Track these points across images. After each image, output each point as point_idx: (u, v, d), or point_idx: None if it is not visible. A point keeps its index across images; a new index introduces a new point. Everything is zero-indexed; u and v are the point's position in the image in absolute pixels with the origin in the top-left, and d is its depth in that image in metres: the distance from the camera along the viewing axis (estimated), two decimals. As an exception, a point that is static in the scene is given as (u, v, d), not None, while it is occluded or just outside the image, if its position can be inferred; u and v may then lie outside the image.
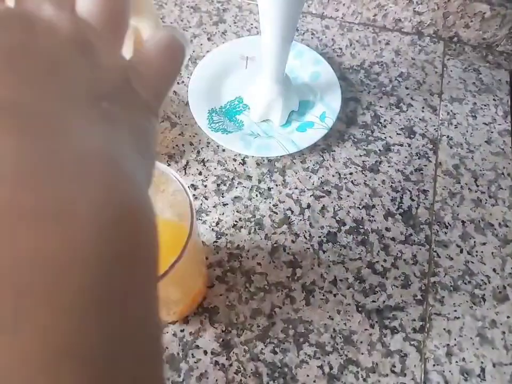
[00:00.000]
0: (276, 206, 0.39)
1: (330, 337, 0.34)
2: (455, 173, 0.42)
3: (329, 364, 0.33)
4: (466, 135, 0.44)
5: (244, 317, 0.34)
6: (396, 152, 0.43)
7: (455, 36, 0.50)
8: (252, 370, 0.32)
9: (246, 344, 0.33)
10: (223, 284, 0.35)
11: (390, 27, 0.51)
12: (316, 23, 0.51)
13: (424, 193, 0.41)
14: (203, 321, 0.34)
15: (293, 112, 0.43)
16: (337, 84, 0.44)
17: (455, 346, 0.34)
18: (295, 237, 0.38)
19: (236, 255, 0.36)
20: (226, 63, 0.46)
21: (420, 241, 0.38)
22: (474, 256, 0.38)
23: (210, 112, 0.43)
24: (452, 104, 0.46)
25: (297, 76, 0.46)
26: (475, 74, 0.48)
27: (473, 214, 0.40)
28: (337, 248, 0.37)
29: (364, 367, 0.33)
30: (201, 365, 0.32)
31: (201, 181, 0.40)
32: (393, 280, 0.36)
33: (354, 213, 0.39)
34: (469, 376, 0.33)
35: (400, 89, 0.47)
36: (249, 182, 0.40)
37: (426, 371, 0.33)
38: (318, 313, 0.34)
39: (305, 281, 0.36)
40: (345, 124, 0.44)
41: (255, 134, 0.42)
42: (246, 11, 0.52)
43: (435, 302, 0.35)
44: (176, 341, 0.33)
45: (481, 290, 0.36)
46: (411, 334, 0.34)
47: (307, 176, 0.41)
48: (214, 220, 0.38)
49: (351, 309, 0.35)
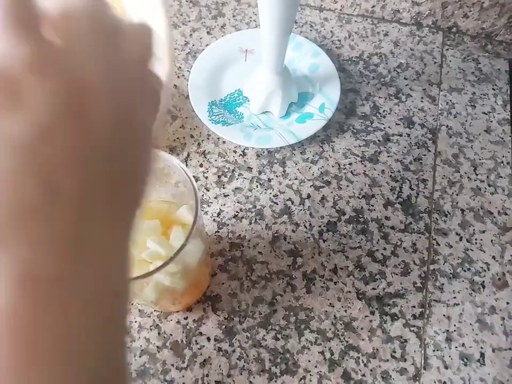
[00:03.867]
0: (276, 197, 0.40)
1: (331, 324, 0.34)
2: (455, 162, 0.42)
3: (330, 349, 0.33)
4: (466, 125, 0.45)
5: (246, 304, 0.34)
6: (395, 142, 0.43)
7: (454, 26, 0.50)
8: (254, 356, 0.33)
9: (248, 331, 0.33)
10: (225, 272, 0.36)
11: (388, 18, 0.51)
12: (315, 15, 0.51)
13: (423, 182, 0.41)
14: (206, 309, 0.34)
15: (292, 103, 0.44)
16: (336, 75, 0.44)
17: (455, 332, 0.34)
18: (296, 227, 0.38)
19: (238, 244, 0.37)
20: (225, 56, 0.46)
21: (420, 230, 0.38)
22: (473, 244, 0.38)
23: (211, 105, 0.43)
24: (451, 94, 0.46)
25: (296, 68, 0.46)
26: (474, 64, 0.49)
27: (472, 203, 0.40)
28: (337, 237, 0.38)
29: (364, 353, 0.33)
30: (205, 351, 0.33)
31: (202, 172, 0.41)
32: (393, 268, 0.37)
33: (354, 202, 0.40)
34: (468, 361, 0.33)
35: (399, 79, 0.47)
36: (249, 173, 0.41)
37: (426, 356, 0.33)
38: (318, 301, 0.35)
39: (306, 269, 0.36)
40: (345, 114, 0.44)
41: (255, 126, 0.43)
42: (244, 4, 0.52)
43: (435, 289, 0.36)
44: (180, 328, 0.33)
45: (481, 278, 0.37)
46: (411, 320, 0.35)
47: (307, 166, 0.41)
48: (216, 210, 0.39)
49: (351, 296, 0.35)
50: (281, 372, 0.32)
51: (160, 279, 0.26)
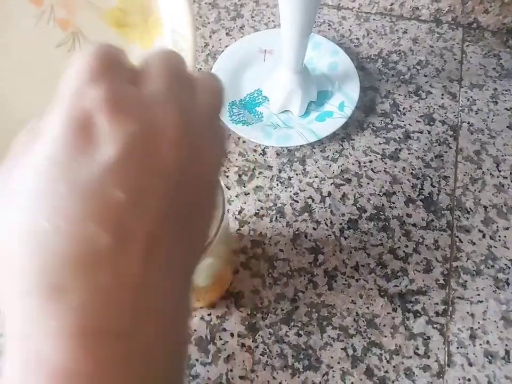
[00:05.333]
0: (297, 195, 0.40)
1: (353, 321, 0.34)
2: (476, 158, 0.42)
3: (353, 346, 0.33)
4: (487, 121, 0.44)
5: (268, 301, 0.35)
6: (415, 140, 0.43)
7: (474, 22, 0.50)
8: (277, 352, 0.33)
9: (271, 327, 0.34)
10: (247, 270, 0.36)
11: (407, 16, 0.51)
12: (333, 14, 0.52)
13: (445, 179, 0.41)
14: (229, 305, 0.35)
15: (312, 102, 0.44)
16: (355, 74, 0.44)
17: (479, 329, 0.34)
18: (316, 224, 0.38)
19: (259, 242, 0.37)
20: (245, 57, 0.47)
21: (442, 227, 0.38)
22: (497, 241, 0.38)
23: (231, 105, 0.44)
24: (472, 91, 0.46)
25: (315, 66, 0.46)
26: (495, 59, 0.48)
27: (495, 199, 0.40)
28: (358, 234, 0.38)
29: (387, 350, 0.33)
30: (229, 347, 0.33)
31: (223, 172, 0.41)
32: (415, 265, 0.37)
33: (374, 200, 0.40)
34: (493, 358, 0.33)
35: (419, 77, 0.47)
36: (269, 172, 0.41)
37: (450, 353, 0.33)
38: (340, 298, 0.35)
39: (327, 266, 0.36)
40: (364, 112, 0.45)
41: (274, 125, 0.43)
42: (263, 5, 0.52)
43: (458, 286, 0.36)
44: (204, 324, 0.34)
45: (505, 275, 0.36)
46: (434, 317, 0.34)
47: (327, 164, 0.42)
48: (237, 209, 0.39)
49: (373, 293, 0.35)
50: (304, 368, 0.33)
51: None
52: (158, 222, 0.11)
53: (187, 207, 0.13)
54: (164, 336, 0.12)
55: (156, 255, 0.11)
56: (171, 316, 0.12)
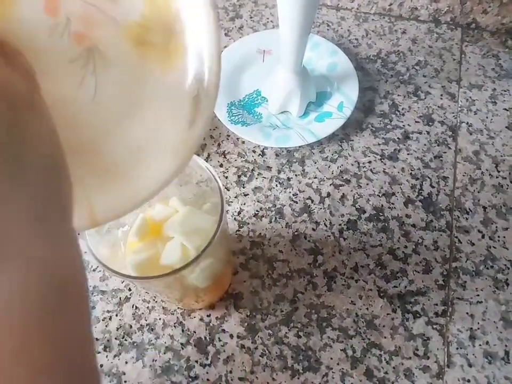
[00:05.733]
0: (296, 195, 0.40)
1: (352, 322, 0.34)
2: (475, 159, 0.42)
3: (352, 347, 0.33)
4: (486, 121, 0.44)
5: (267, 302, 0.35)
6: (414, 140, 0.43)
7: (472, 22, 0.50)
8: (276, 353, 0.33)
9: (270, 328, 0.34)
10: (246, 271, 0.36)
11: (406, 16, 0.51)
12: (332, 15, 0.52)
13: (444, 180, 0.41)
14: (228, 306, 0.35)
15: (311, 103, 0.44)
16: (354, 74, 0.44)
17: (478, 330, 0.34)
18: (316, 225, 0.38)
19: (258, 243, 0.37)
20: (243, 58, 0.47)
21: (441, 227, 0.38)
22: (496, 241, 0.38)
23: (230, 106, 0.44)
24: (470, 91, 0.46)
25: (314, 67, 0.46)
26: (494, 60, 0.48)
27: (494, 200, 0.40)
28: (357, 235, 0.38)
29: (386, 350, 0.33)
30: (228, 348, 0.33)
31: (222, 172, 0.41)
32: (414, 266, 0.37)
33: (374, 200, 0.40)
34: (493, 359, 0.33)
35: (418, 77, 0.47)
36: (269, 173, 0.41)
37: (449, 354, 0.33)
38: (340, 299, 0.35)
39: (327, 267, 0.36)
40: (363, 113, 0.45)
41: (273, 126, 0.43)
42: (261, 5, 0.52)
43: (457, 287, 0.36)
44: (203, 326, 0.34)
45: (504, 275, 0.36)
46: (433, 318, 0.34)
47: (326, 165, 0.41)
48: (236, 209, 0.39)
49: (372, 294, 0.35)
50: (304, 369, 0.33)
51: (185, 274, 0.26)
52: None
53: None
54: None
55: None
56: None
